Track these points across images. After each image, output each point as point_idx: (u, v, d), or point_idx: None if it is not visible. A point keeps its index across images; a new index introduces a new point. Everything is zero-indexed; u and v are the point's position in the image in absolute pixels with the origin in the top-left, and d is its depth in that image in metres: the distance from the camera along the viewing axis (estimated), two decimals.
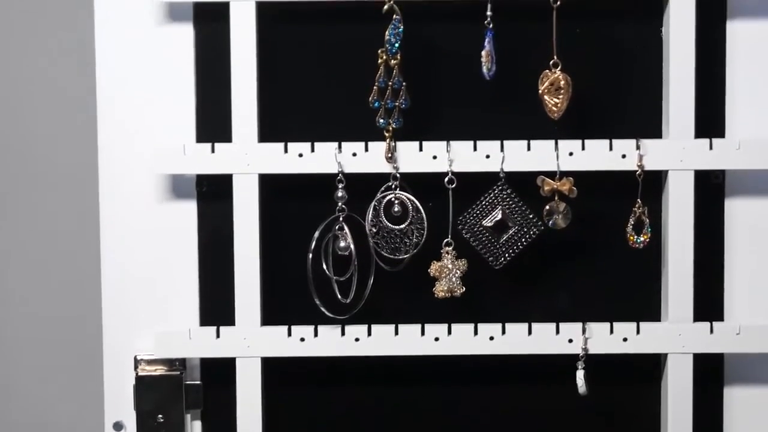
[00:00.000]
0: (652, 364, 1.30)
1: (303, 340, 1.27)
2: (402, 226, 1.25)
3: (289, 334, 1.27)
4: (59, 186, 1.65)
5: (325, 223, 1.25)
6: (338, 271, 1.26)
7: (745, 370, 1.31)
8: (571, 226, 1.25)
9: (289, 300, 1.29)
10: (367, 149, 1.25)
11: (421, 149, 1.25)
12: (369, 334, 1.27)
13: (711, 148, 1.25)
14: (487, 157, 1.24)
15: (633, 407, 1.32)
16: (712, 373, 1.30)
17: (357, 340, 1.27)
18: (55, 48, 1.64)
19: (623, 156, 1.24)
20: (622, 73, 1.28)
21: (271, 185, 1.27)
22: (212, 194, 1.28)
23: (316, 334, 1.27)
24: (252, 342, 1.26)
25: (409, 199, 1.25)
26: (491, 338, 1.27)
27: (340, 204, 1.25)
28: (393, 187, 1.25)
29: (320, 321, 1.26)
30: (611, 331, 1.27)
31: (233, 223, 1.26)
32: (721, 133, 1.28)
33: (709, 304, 1.29)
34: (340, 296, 1.26)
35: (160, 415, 1.29)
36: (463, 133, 1.25)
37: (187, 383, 1.30)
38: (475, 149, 1.24)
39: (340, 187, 1.25)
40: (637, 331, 1.27)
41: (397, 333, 1.27)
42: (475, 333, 1.27)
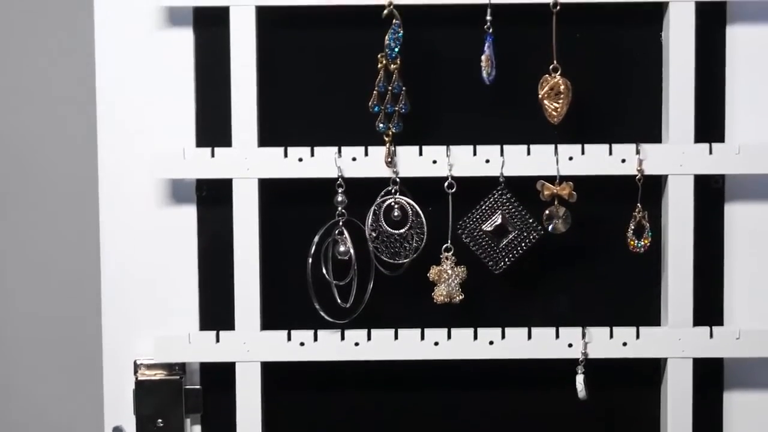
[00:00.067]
0: (652, 369, 1.30)
1: (303, 344, 1.27)
2: (402, 231, 1.25)
3: (289, 339, 1.27)
4: (59, 191, 1.65)
5: (324, 228, 1.25)
6: (338, 275, 1.26)
7: (744, 375, 1.31)
8: (571, 231, 1.25)
9: (288, 304, 1.29)
10: (366, 154, 1.24)
11: (421, 154, 1.25)
12: (369, 338, 1.27)
13: (711, 153, 1.25)
14: (487, 161, 1.24)
15: (633, 412, 1.32)
16: (711, 378, 1.30)
17: (357, 344, 1.27)
18: (56, 52, 1.64)
19: (623, 160, 1.24)
20: (621, 78, 1.28)
21: (271, 190, 1.27)
22: (212, 199, 1.28)
23: (316, 339, 1.27)
24: (252, 346, 1.26)
25: (408, 204, 1.25)
26: (491, 343, 1.26)
27: (339, 208, 1.25)
28: (393, 191, 1.25)
29: (320, 325, 1.26)
30: (611, 336, 1.27)
31: (233, 228, 1.26)
32: (720, 138, 1.28)
33: (709, 309, 1.29)
34: (339, 301, 1.26)
35: (160, 420, 1.29)
36: (462, 138, 1.25)
37: (187, 388, 1.29)
38: (475, 154, 1.24)
39: (339, 191, 1.25)
40: (637, 336, 1.27)
41: (396, 337, 1.27)
42: (475, 337, 1.27)
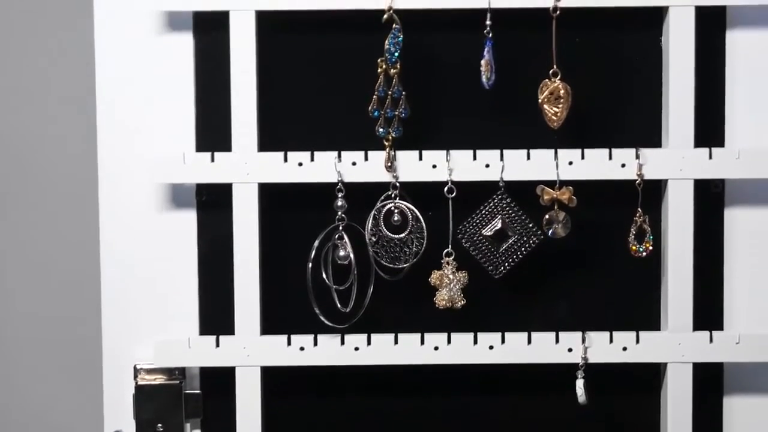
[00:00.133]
0: (652, 374, 1.30)
1: (302, 349, 1.27)
2: (402, 236, 1.25)
3: (289, 343, 1.27)
4: (59, 195, 1.65)
5: (324, 232, 1.25)
6: (338, 280, 1.26)
7: (744, 380, 1.31)
8: (571, 236, 1.25)
9: (288, 309, 1.29)
10: (366, 158, 1.24)
11: (421, 158, 1.25)
12: (369, 343, 1.27)
13: (710, 158, 1.25)
14: (487, 166, 1.24)
15: (633, 416, 1.32)
16: (711, 383, 1.30)
17: (357, 349, 1.27)
18: (56, 56, 1.64)
19: (623, 165, 1.24)
20: (621, 83, 1.28)
21: (271, 194, 1.27)
22: (212, 203, 1.28)
23: (316, 343, 1.27)
24: (251, 351, 1.26)
25: (408, 208, 1.25)
26: (491, 347, 1.26)
27: (339, 213, 1.25)
28: (393, 196, 1.25)
29: (320, 330, 1.26)
30: (611, 341, 1.27)
31: (233, 233, 1.26)
32: (720, 143, 1.28)
33: (709, 313, 1.29)
34: (339, 305, 1.26)
35: (160, 425, 1.28)
36: (462, 143, 1.25)
37: (187, 392, 1.29)
38: (475, 158, 1.24)
39: (339, 196, 1.25)
40: (637, 341, 1.27)
41: (396, 342, 1.27)
42: (475, 342, 1.26)
